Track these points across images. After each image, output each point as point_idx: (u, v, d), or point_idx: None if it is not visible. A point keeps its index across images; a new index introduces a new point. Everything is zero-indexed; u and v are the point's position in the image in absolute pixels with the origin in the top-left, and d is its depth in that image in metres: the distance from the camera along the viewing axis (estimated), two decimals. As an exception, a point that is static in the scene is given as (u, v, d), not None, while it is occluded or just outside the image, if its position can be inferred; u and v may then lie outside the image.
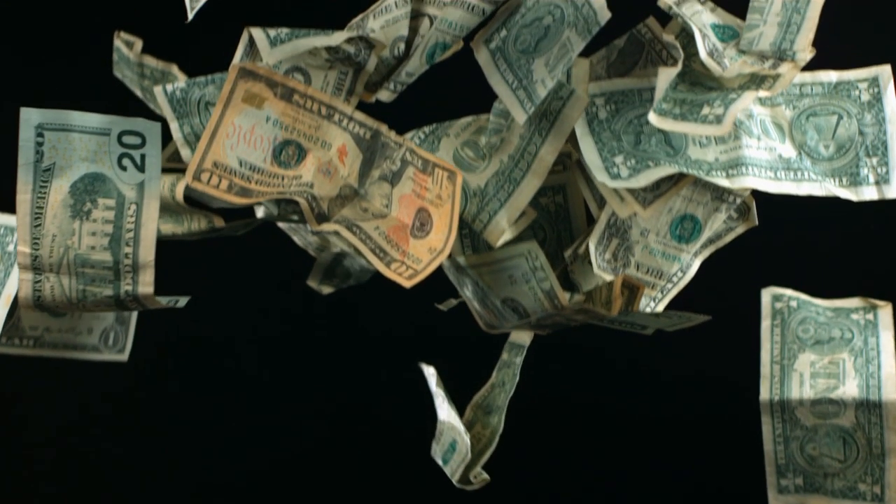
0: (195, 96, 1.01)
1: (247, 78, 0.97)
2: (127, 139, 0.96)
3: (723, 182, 0.97)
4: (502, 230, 0.99)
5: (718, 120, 0.94)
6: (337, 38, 1.02)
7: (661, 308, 1.10)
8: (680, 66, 0.99)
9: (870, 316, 1.07)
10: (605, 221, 1.05)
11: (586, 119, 0.98)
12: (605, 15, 0.93)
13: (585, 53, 0.99)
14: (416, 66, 1.05)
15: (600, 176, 0.97)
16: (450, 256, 1.08)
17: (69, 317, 1.22)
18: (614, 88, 0.99)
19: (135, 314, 1.23)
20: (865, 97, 1.02)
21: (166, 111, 1.01)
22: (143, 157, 0.96)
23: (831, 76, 1.03)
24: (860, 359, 1.06)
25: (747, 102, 0.96)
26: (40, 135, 0.95)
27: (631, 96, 0.99)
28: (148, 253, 0.96)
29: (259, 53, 1.01)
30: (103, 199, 0.96)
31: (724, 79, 1.00)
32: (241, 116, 0.97)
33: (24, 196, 0.95)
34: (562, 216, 1.07)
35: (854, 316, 1.08)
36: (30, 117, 0.95)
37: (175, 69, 1.11)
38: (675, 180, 1.00)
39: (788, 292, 1.09)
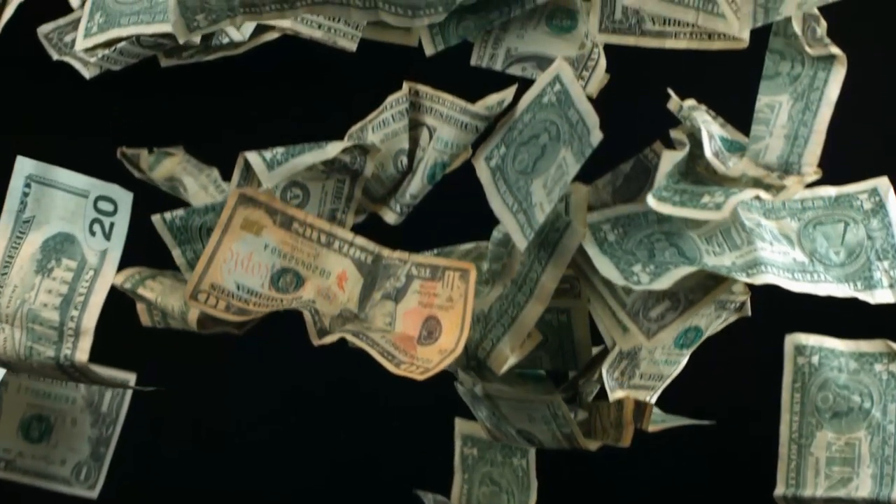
0: (196, 223, 1.00)
1: (246, 204, 0.97)
2: (101, 204, 0.97)
3: (744, 280, 0.96)
4: (506, 357, 0.97)
5: (718, 207, 0.92)
6: (332, 150, 1.01)
7: (654, 399, 1.11)
8: (686, 151, 0.98)
9: (893, 367, 1.06)
10: (618, 350, 1.04)
11: (596, 242, 0.96)
12: (597, 136, 0.89)
13: (588, 179, 0.98)
14: (418, 187, 1.05)
15: (622, 283, 0.95)
16: (457, 377, 1.07)
17: (44, 444, 1.21)
18: (618, 214, 0.98)
19: (110, 450, 1.22)
20: (868, 205, 1.01)
21: (167, 239, 1.00)
22: (111, 225, 0.97)
23: (830, 191, 1.02)
24: (876, 438, 1.05)
25: (749, 196, 0.95)
26: (28, 185, 0.96)
27: (637, 219, 0.98)
28: (90, 319, 0.96)
29: (255, 175, 1.00)
30: (68, 259, 0.97)
31: (727, 179, 0.99)
32: (239, 243, 0.97)
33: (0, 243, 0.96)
34: (565, 329, 1.06)
35: (878, 367, 1.06)
36: (23, 167, 0.96)
37: (181, 188, 1.12)
38: (679, 311, 0.99)
39: (811, 342, 1.06)
